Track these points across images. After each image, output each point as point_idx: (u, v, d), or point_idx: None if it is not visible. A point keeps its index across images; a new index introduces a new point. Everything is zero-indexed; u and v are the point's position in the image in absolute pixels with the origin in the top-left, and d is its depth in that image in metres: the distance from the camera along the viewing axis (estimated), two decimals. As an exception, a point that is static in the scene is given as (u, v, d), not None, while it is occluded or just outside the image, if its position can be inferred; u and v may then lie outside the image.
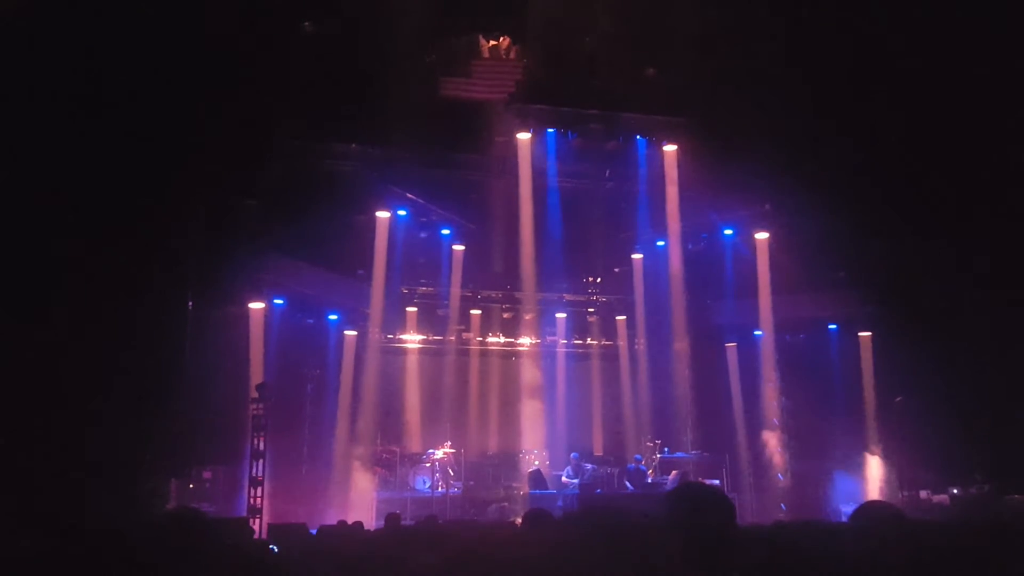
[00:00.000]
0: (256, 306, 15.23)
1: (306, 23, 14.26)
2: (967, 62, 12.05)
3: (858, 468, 15.96)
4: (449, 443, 16.36)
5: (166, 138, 11.41)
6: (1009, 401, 12.93)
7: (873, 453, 16.04)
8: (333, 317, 17.33)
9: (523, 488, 15.02)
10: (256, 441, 12.49)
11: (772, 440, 16.01)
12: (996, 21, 11.74)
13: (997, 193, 12.61)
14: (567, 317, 19.73)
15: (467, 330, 19.11)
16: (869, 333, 16.78)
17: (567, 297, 19.67)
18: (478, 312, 19.25)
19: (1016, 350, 12.80)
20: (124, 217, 10.92)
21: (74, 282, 10.21)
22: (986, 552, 3.11)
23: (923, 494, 15.02)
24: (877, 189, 14.04)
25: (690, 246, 17.45)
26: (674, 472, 15.15)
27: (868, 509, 3.52)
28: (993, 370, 13.34)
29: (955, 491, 14.38)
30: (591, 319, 20.06)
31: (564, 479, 15.27)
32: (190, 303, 13.41)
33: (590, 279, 19.89)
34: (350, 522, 9.27)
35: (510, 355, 19.16)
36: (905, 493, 15.12)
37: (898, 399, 15.82)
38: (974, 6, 12.23)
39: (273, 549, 6.96)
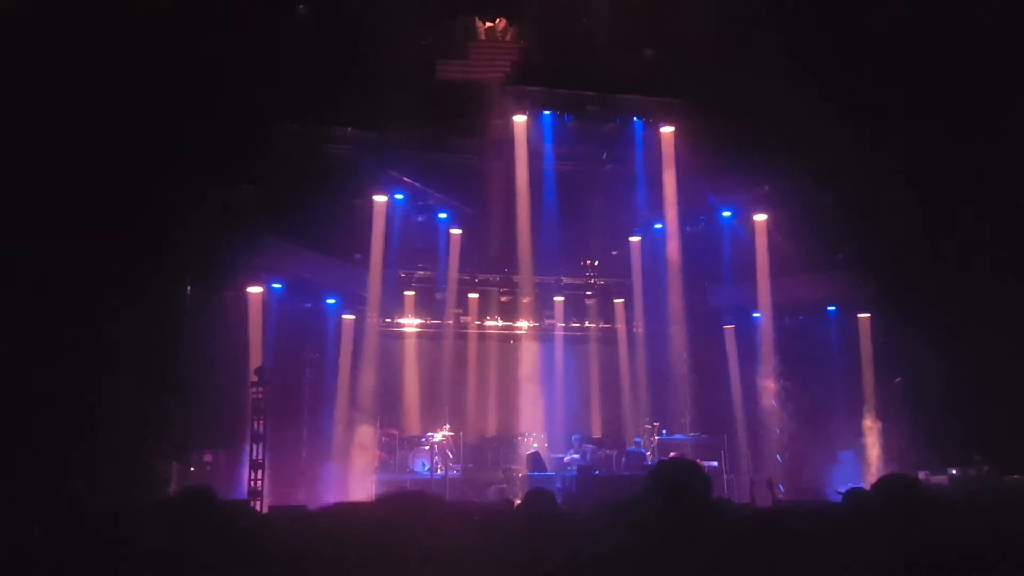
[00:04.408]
0: (254, 290, 15.25)
1: (301, 6, 14.16)
2: (970, 36, 11.97)
3: (857, 449, 16.03)
4: (448, 426, 16.42)
5: (163, 124, 11.36)
6: (1007, 382, 12.96)
7: (872, 434, 16.09)
8: (331, 301, 17.34)
9: (522, 470, 15.09)
10: (256, 424, 12.53)
11: (770, 422, 16.07)
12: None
13: (998, 174, 12.57)
14: (565, 300, 19.74)
15: (465, 314, 19.13)
16: (868, 315, 16.77)
17: (565, 280, 19.67)
18: (476, 296, 19.24)
19: (1015, 331, 12.82)
20: (122, 203, 10.90)
21: (73, 267, 10.20)
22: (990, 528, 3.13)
23: (922, 475, 15.05)
24: (877, 170, 14.00)
25: (688, 228, 17.40)
26: (672, 454, 15.20)
27: (888, 481, 3.52)
28: (992, 351, 13.35)
29: (953, 471, 14.41)
30: (589, 302, 20.07)
31: (566, 459, 15.35)
32: (188, 288, 13.43)
33: (588, 262, 19.86)
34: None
35: (508, 338, 19.18)
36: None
37: (897, 380, 15.86)
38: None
39: None
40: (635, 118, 16.19)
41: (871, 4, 12.89)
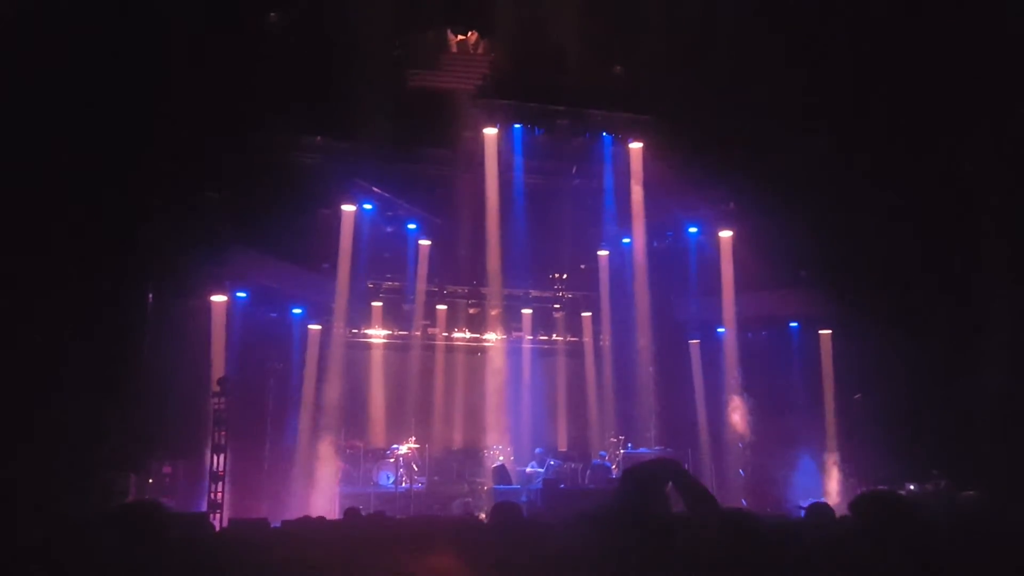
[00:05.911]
0: (218, 299, 14.99)
1: (272, 14, 14.08)
2: (932, 64, 12.26)
3: (817, 464, 16.23)
4: (413, 438, 16.31)
5: (128, 128, 11.18)
6: (966, 399, 13.21)
7: (832, 449, 16.30)
8: (297, 311, 17.16)
9: (487, 483, 15.02)
10: (217, 435, 12.31)
11: (733, 436, 16.20)
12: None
13: (961, 193, 12.87)
14: (533, 313, 19.78)
15: (432, 325, 19.07)
16: (829, 331, 17.04)
17: (533, 293, 19.74)
18: (444, 307, 19.20)
19: (973, 349, 13.09)
20: (83, 207, 10.68)
21: (31, 271, 9.96)
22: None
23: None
24: (840, 189, 14.26)
25: (655, 243, 17.57)
26: (637, 467, 15.23)
27: (868, 498, 3.54)
28: (951, 369, 13.61)
29: (912, 487, 14.64)
30: (557, 315, 20.15)
31: (528, 470, 15.33)
32: (150, 295, 13.18)
33: (556, 275, 19.95)
34: (313, 517, 9.17)
35: (475, 350, 19.14)
36: (863, 489, 15.39)
37: (857, 396, 16.11)
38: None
39: None
40: (604, 133, 16.37)
41: (837, 22, 13.14)
